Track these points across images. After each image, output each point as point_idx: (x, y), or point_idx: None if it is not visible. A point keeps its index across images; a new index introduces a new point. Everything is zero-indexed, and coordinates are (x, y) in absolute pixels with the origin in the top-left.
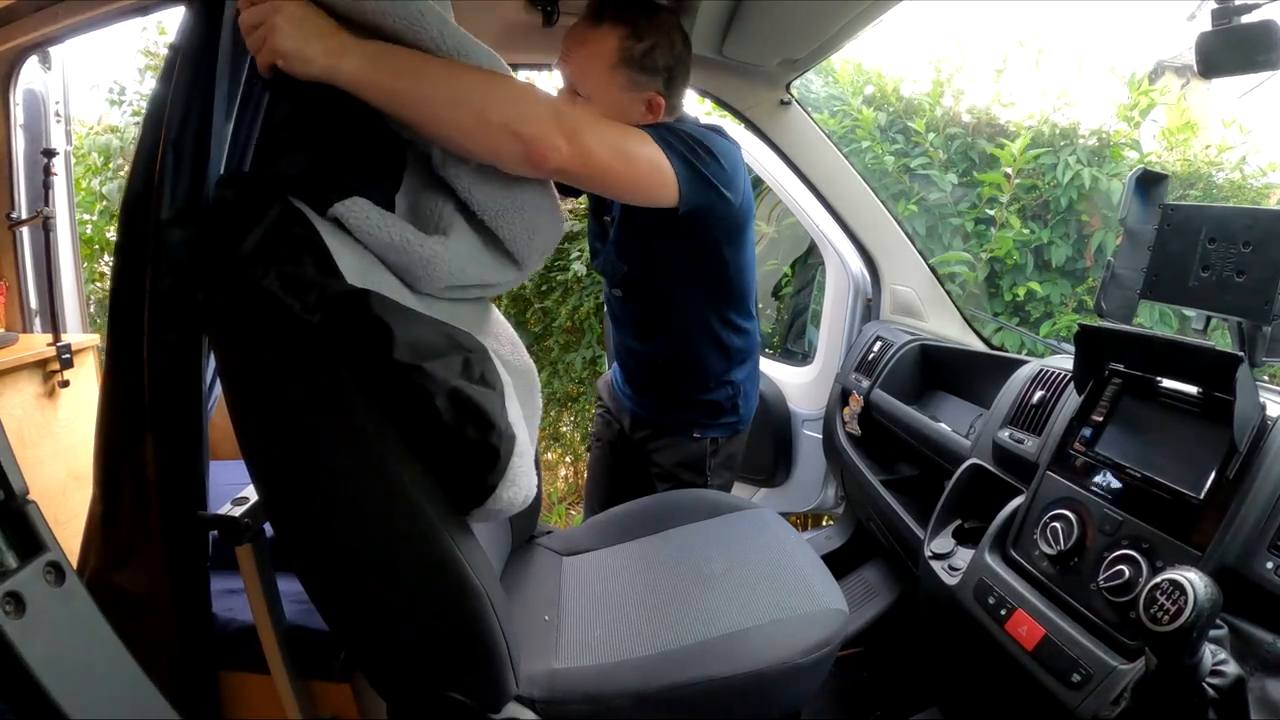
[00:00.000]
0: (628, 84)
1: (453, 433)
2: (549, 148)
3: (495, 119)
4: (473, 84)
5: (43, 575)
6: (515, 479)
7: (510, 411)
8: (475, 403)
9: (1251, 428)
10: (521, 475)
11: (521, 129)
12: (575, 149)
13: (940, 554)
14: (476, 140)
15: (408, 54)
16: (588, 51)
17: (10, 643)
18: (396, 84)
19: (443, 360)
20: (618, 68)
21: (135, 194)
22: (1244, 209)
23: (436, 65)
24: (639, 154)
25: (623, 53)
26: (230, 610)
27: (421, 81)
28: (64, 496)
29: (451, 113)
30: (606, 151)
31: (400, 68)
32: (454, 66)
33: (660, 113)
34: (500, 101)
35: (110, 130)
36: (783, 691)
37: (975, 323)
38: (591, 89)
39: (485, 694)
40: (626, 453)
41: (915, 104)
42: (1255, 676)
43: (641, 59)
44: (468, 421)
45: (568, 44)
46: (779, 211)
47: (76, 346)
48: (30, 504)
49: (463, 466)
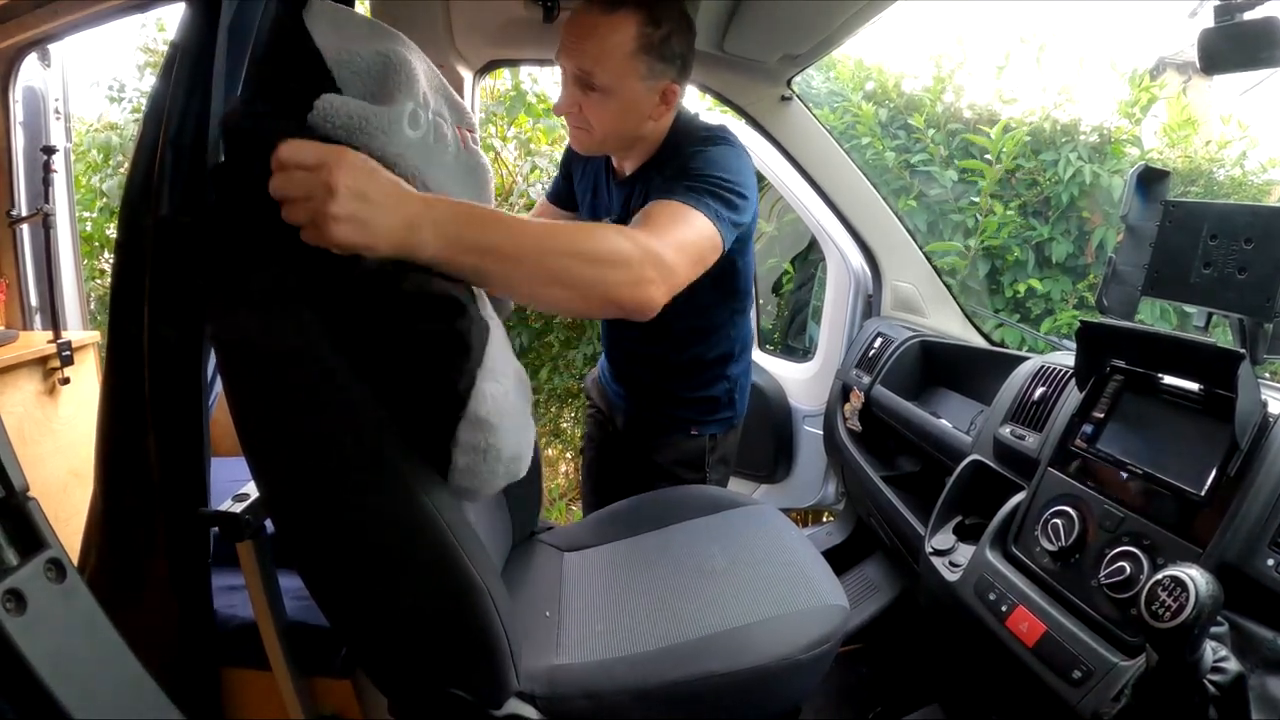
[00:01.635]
0: (646, 73)
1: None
2: (649, 304)
3: (592, 290)
4: (559, 254)
5: (44, 572)
6: (496, 423)
7: (498, 359)
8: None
9: (1253, 425)
10: (507, 424)
11: (616, 294)
12: (668, 284)
13: (941, 550)
14: (576, 310)
15: (481, 222)
16: (603, 40)
17: (11, 640)
18: (483, 264)
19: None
20: (637, 55)
21: (135, 191)
22: (1245, 206)
23: (518, 235)
24: (704, 243)
25: (642, 39)
26: (231, 607)
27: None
28: (65, 494)
29: (548, 291)
30: (688, 266)
31: (482, 243)
32: (534, 233)
33: (674, 103)
34: (590, 267)
35: (110, 127)
36: (783, 687)
37: (976, 319)
38: (609, 79)
39: (486, 690)
40: (621, 451)
41: (916, 100)
42: (1256, 674)
43: (660, 46)
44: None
45: (575, 34)
46: (780, 208)
47: (77, 344)
48: (31, 501)
49: (429, 372)
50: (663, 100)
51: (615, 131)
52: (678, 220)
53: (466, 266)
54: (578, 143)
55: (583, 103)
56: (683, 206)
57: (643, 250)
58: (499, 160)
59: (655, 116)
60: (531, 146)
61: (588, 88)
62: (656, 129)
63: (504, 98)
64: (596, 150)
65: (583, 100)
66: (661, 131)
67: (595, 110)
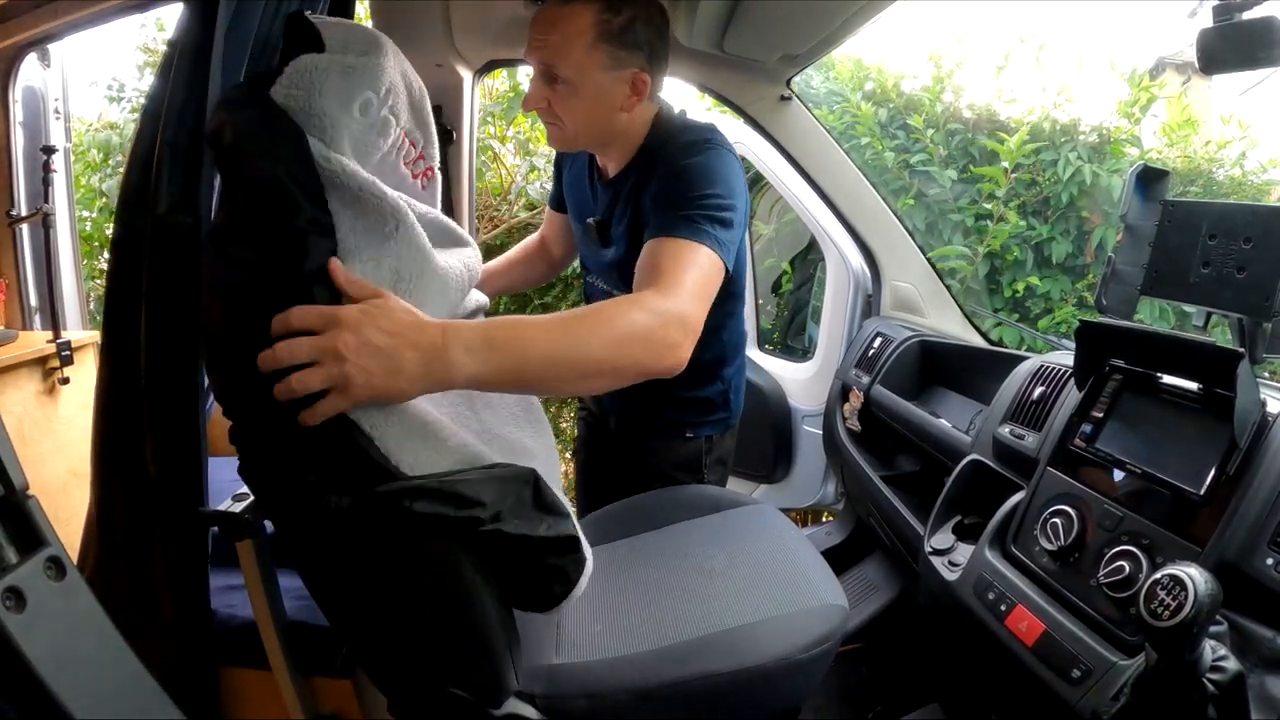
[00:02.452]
0: (609, 62)
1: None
2: (676, 362)
3: (627, 370)
4: (587, 349)
5: (43, 570)
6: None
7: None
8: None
9: (1252, 424)
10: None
11: (649, 365)
12: (689, 335)
13: (940, 550)
14: (613, 387)
15: (506, 344)
16: (562, 32)
17: (10, 638)
18: (520, 381)
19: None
20: (597, 45)
21: (132, 190)
22: (1245, 205)
23: (543, 345)
24: (711, 279)
25: (600, 27)
26: (231, 606)
27: (543, 375)
28: (64, 494)
29: (584, 384)
30: (702, 308)
31: (514, 365)
32: (557, 337)
33: (645, 93)
34: (618, 350)
35: (109, 127)
36: (783, 687)
37: (975, 319)
38: (571, 72)
39: (486, 689)
40: (616, 454)
41: (915, 100)
42: (1255, 673)
43: (621, 33)
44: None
45: (538, 30)
46: (779, 208)
47: (76, 343)
48: (30, 499)
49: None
50: (633, 90)
51: (586, 125)
52: (684, 264)
53: (503, 386)
54: (552, 139)
55: (550, 97)
56: (685, 244)
57: (662, 317)
58: (498, 160)
59: (627, 108)
60: (530, 147)
61: (553, 81)
62: (633, 122)
63: (502, 98)
64: (571, 146)
65: (550, 95)
66: (640, 126)
67: (563, 104)
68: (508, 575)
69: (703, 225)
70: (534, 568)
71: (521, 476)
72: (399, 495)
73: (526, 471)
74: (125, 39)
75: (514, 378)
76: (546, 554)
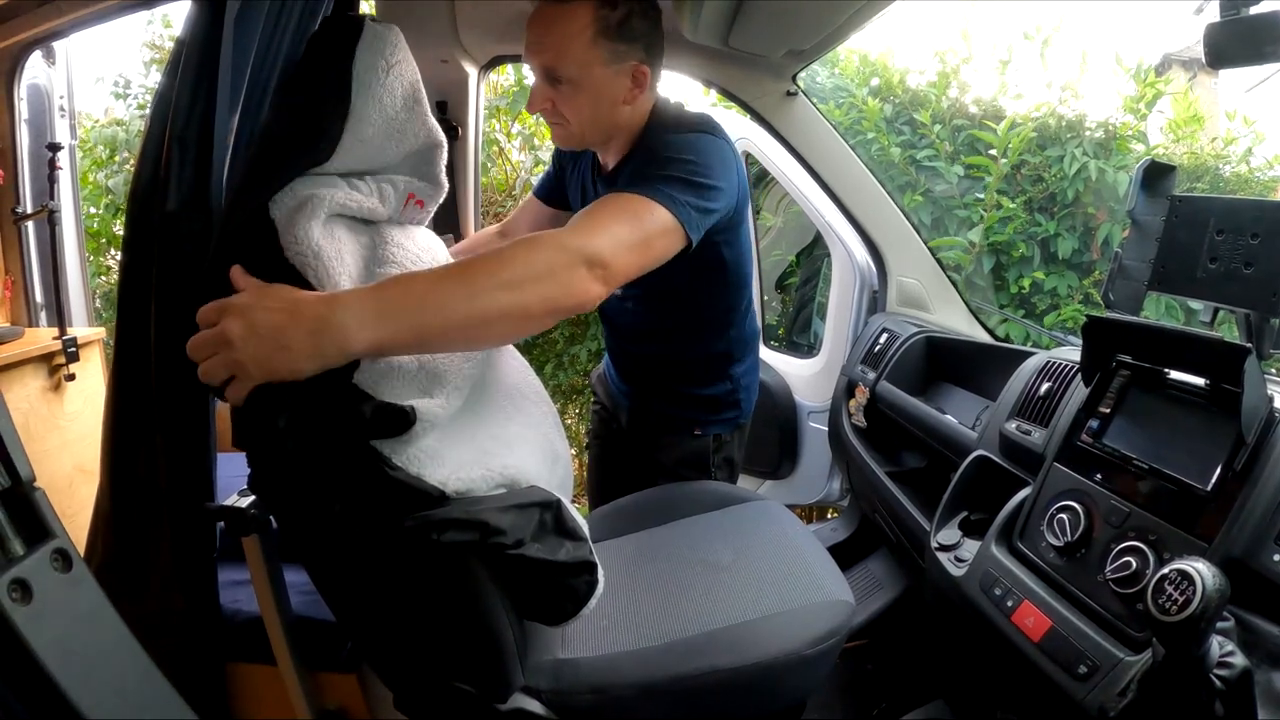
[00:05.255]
0: (609, 57)
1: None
2: (587, 298)
3: (537, 310)
4: (485, 293)
5: (49, 562)
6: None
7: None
8: (573, 561)
9: (1259, 420)
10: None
11: (561, 301)
12: (605, 278)
13: (946, 546)
14: (527, 332)
15: (398, 306)
16: (561, 31)
17: (17, 629)
18: (422, 341)
19: (535, 533)
20: (597, 41)
21: (142, 187)
22: (1252, 200)
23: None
24: (651, 230)
25: (599, 24)
26: (237, 601)
27: (445, 330)
28: (71, 489)
29: (492, 330)
30: (627, 255)
31: (410, 325)
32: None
33: (646, 85)
34: (518, 291)
35: (115, 123)
36: (789, 683)
37: (981, 314)
38: (573, 70)
39: (492, 684)
40: (626, 449)
41: (921, 95)
42: (1262, 669)
43: (619, 27)
44: (569, 574)
45: (536, 30)
46: (785, 203)
47: (82, 340)
48: (37, 491)
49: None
50: (634, 83)
51: (592, 121)
52: (615, 212)
53: (409, 348)
54: (558, 138)
55: (554, 97)
56: (632, 197)
57: (567, 252)
58: (503, 155)
59: (629, 100)
60: (535, 141)
61: (555, 81)
62: (634, 115)
63: (507, 93)
64: (578, 144)
65: (554, 95)
66: (640, 119)
67: (567, 103)
68: (523, 591)
69: (660, 185)
70: (550, 587)
71: (545, 502)
72: (427, 528)
73: (550, 497)
74: (131, 35)
75: (415, 337)
76: (564, 576)
